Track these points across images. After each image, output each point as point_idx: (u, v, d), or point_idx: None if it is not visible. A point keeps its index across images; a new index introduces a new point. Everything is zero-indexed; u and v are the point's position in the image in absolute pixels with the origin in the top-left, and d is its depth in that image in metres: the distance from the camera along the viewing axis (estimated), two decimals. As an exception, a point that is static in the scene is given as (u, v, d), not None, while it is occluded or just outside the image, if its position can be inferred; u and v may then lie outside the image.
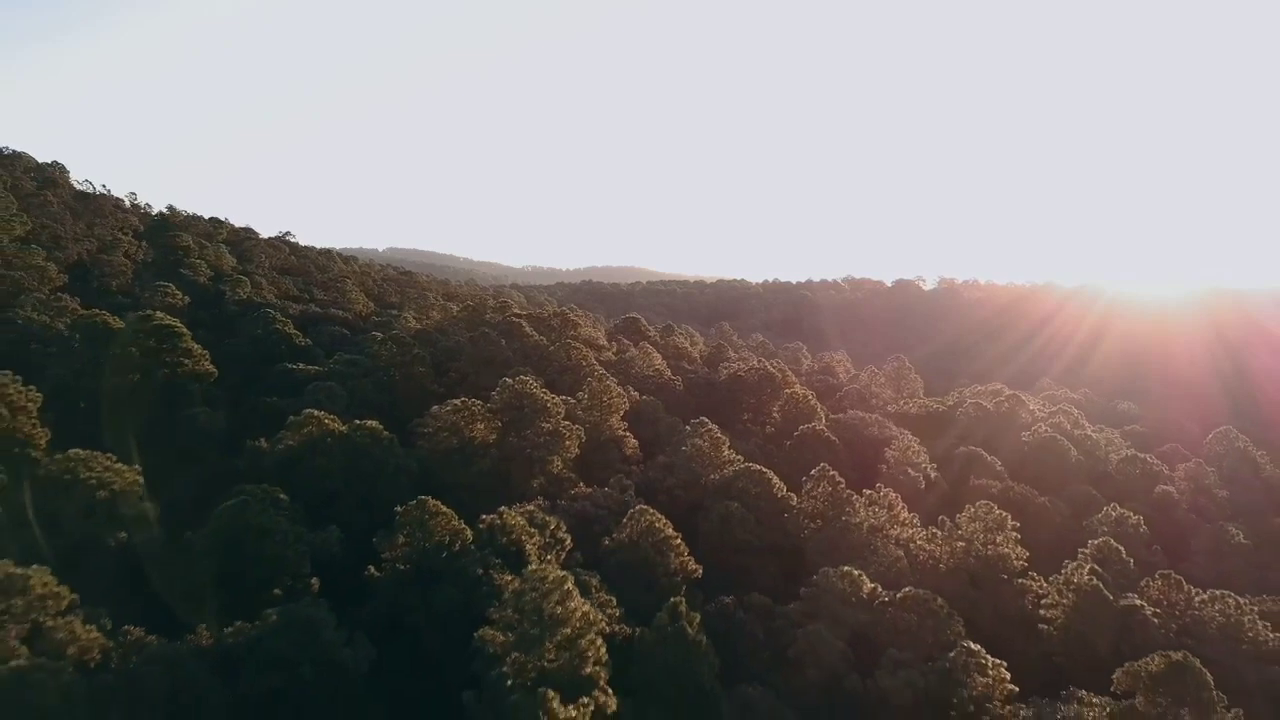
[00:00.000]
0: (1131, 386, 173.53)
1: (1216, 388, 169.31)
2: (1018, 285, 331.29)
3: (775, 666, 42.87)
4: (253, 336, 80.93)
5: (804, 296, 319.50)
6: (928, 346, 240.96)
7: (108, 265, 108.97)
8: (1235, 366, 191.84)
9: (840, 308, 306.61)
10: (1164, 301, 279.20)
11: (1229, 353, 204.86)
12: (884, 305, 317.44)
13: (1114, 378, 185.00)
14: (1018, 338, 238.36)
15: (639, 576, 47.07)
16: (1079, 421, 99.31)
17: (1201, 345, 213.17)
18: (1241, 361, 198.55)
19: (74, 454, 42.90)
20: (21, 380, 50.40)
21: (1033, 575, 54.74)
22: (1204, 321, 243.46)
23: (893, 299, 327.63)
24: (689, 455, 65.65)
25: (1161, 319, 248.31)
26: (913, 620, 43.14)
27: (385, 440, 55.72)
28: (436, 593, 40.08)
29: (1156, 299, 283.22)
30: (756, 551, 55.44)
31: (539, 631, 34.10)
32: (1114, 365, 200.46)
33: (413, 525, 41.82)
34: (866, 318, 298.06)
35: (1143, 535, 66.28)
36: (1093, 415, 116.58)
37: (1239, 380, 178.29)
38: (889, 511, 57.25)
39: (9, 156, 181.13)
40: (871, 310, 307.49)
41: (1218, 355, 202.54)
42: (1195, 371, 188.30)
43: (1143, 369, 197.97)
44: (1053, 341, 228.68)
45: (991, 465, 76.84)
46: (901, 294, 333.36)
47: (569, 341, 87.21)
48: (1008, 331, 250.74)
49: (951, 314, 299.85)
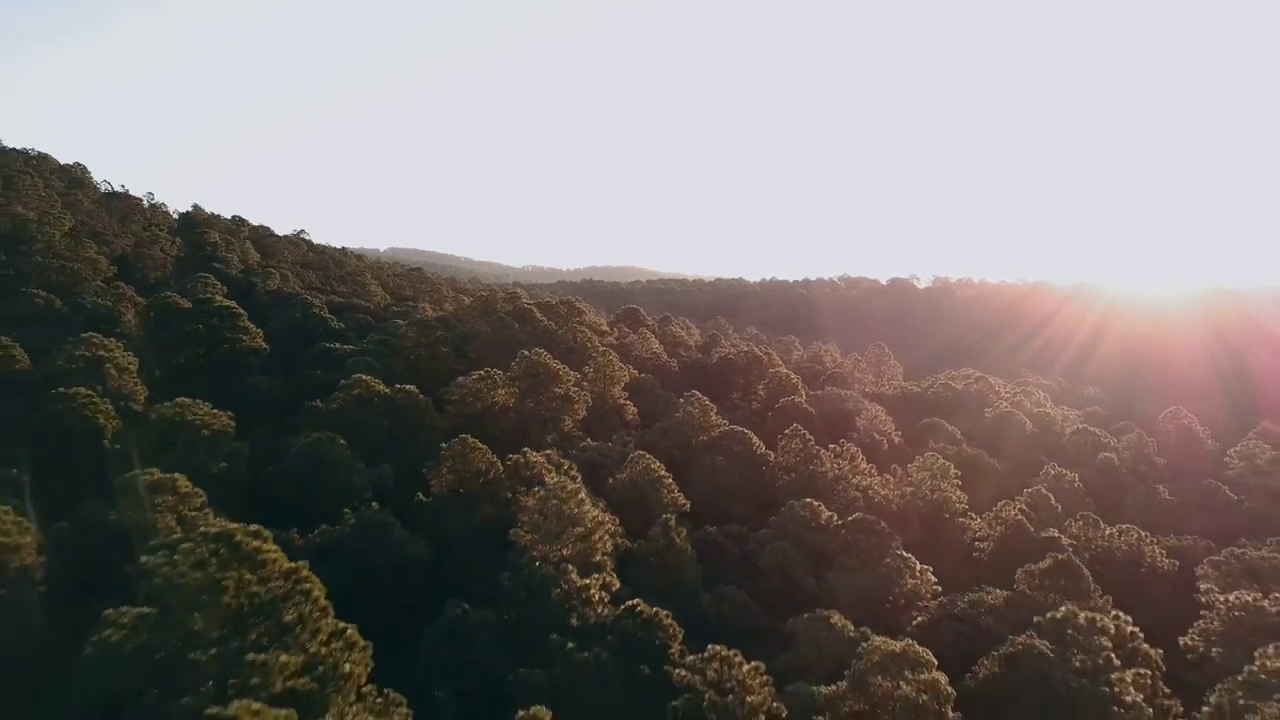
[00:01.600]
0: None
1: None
2: (1011, 284, 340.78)
3: (747, 575, 53.58)
4: (291, 320, 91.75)
5: (801, 295, 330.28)
6: (927, 346, 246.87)
7: (148, 259, 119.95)
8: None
9: (838, 306, 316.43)
10: (1164, 301, 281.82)
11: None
12: (881, 304, 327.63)
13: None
14: (1017, 338, 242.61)
15: (637, 508, 57.84)
16: (1040, 401, 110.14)
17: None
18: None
19: (180, 401, 53.77)
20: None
21: (971, 515, 65.57)
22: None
23: (890, 298, 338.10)
24: (681, 421, 76.50)
25: (1161, 318, 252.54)
26: (859, 538, 53.90)
27: (421, 401, 66.64)
28: (475, 510, 50.93)
29: (1156, 299, 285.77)
30: (736, 496, 66.21)
31: (559, 529, 44.94)
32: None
33: (455, 458, 52.68)
34: (864, 316, 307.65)
35: (1078, 490, 76.94)
36: (1059, 398, 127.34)
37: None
38: (851, 463, 68.13)
39: (35, 158, 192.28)
40: (869, 309, 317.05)
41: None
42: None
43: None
44: (1053, 342, 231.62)
45: (952, 434, 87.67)
46: (898, 293, 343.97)
47: (575, 326, 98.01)
48: (1007, 332, 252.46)
49: (949, 314, 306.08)
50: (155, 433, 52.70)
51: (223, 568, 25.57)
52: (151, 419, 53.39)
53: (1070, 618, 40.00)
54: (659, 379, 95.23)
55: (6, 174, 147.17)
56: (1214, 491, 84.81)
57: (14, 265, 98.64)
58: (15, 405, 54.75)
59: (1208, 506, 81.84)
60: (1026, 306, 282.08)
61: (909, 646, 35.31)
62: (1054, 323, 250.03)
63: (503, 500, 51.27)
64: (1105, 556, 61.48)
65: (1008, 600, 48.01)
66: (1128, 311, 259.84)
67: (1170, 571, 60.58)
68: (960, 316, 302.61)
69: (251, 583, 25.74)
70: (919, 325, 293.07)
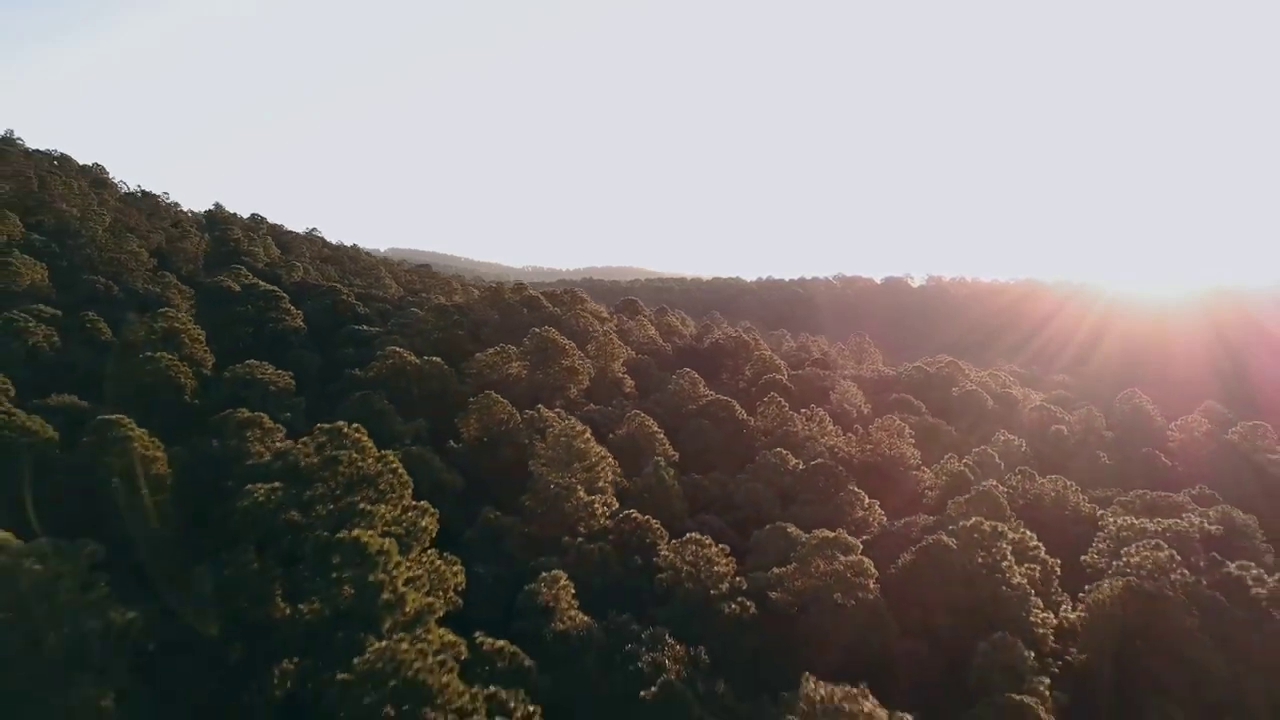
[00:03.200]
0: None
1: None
2: (1003, 283, 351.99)
3: (725, 509, 64.66)
4: (323, 305, 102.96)
5: (797, 293, 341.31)
6: (926, 346, 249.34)
7: (181, 252, 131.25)
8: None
9: (834, 305, 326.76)
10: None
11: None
12: (878, 303, 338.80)
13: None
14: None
15: (633, 456, 68.92)
16: (1005, 382, 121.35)
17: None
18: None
19: (250, 363, 64.99)
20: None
21: (923, 469, 76.74)
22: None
23: (886, 296, 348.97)
24: (673, 392, 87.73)
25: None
26: (819, 479, 65.06)
27: (447, 371, 77.82)
28: (498, 452, 62.11)
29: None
30: (720, 453, 77.29)
31: (568, 460, 56.06)
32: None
33: (481, 410, 63.92)
34: (860, 315, 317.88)
35: (1024, 453, 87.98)
36: (1029, 383, 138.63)
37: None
38: (819, 425, 79.35)
39: (58, 158, 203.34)
40: (866, 308, 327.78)
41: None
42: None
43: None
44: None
45: (917, 407, 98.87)
46: (893, 291, 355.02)
47: (578, 311, 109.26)
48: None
49: (948, 315, 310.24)
50: (229, 389, 63.86)
51: (336, 448, 36.74)
52: (226, 377, 64.53)
53: (978, 526, 51.17)
54: (654, 360, 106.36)
55: (39, 174, 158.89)
56: (1151, 458, 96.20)
57: (66, 257, 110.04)
58: (106, 365, 65.92)
59: (1144, 471, 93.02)
60: (1026, 307, 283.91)
61: (840, 535, 46.55)
62: (1053, 323, 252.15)
63: (521, 445, 62.40)
64: (1035, 502, 72.63)
65: (936, 521, 59.15)
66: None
67: (1091, 513, 71.71)
68: (959, 317, 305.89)
69: (356, 460, 36.93)
70: (916, 325, 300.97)
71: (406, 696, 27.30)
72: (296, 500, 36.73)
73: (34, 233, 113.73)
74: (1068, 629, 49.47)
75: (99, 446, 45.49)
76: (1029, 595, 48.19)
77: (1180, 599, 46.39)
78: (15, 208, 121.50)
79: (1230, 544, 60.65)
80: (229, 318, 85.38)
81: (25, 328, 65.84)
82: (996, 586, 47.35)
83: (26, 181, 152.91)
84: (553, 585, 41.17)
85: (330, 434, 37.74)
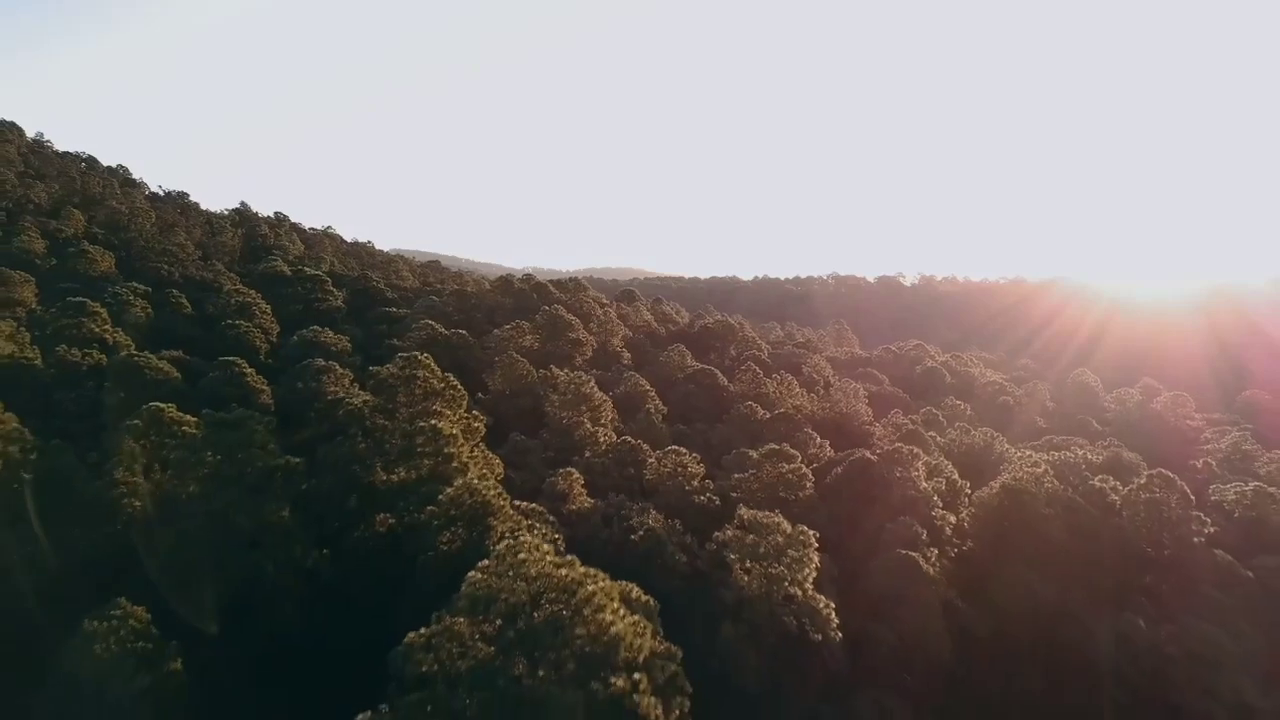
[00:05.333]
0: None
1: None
2: (993, 281, 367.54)
3: (705, 450, 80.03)
4: (356, 289, 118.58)
5: (791, 291, 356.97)
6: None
7: (220, 245, 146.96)
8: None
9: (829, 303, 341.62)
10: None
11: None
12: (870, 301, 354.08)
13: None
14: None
15: (629, 409, 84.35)
16: (967, 362, 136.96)
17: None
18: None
19: (314, 328, 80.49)
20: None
21: (875, 424, 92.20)
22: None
23: (881, 296, 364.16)
24: (664, 364, 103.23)
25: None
26: (780, 425, 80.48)
27: (471, 341, 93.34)
28: (519, 401, 77.57)
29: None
30: (703, 411, 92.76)
31: (577, 402, 71.51)
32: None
33: (504, 367, 79.46)
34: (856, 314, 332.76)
35: (968, 416, 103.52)
36: (995, 367, 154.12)
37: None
38: (787, 388, 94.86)
39: (86, 160, 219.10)
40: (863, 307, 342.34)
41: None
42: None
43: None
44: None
45: (880, 379, 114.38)
46: (887, 290, 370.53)
47: (581, 298, 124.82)
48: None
49: (947, 315, 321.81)
50: (298, 349, 79.33)
51: (413, 369, 52.27)
52: (294, 340, 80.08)
53: (897, 449, 66.68)
54: (649, 339, 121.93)
55: (71, 175, 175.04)
56: (1084, 422, 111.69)
57: (124, 248, 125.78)
58: (195, 331, 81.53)
59: (1076, 430, 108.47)
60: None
61: (785, 448, 62.06)
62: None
63: (537, 396, 77.82)
64: (967, 449, 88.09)
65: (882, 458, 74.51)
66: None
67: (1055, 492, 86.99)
68: (959, 317, 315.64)
69: (429, 377, 52.44)
70: (915, 325, 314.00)
71: (477, 512, 42.72)
72: (384, 407, 52.22)
73: (94, 226, 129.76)
74: (965, 528, 64.90)
75: (222, 381, 61.00)
76: (933, 498, 63.60)
77: (1042, 496, 61.87)
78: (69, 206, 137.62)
79: (1116, 472, 76.11)
80: (282, 297, 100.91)
81: (130, 301, 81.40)
82: (906, 490, 62.77)
83: (70, 182, 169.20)
84: (567, 478, 56.61)
85: (408, 360, 53.27)
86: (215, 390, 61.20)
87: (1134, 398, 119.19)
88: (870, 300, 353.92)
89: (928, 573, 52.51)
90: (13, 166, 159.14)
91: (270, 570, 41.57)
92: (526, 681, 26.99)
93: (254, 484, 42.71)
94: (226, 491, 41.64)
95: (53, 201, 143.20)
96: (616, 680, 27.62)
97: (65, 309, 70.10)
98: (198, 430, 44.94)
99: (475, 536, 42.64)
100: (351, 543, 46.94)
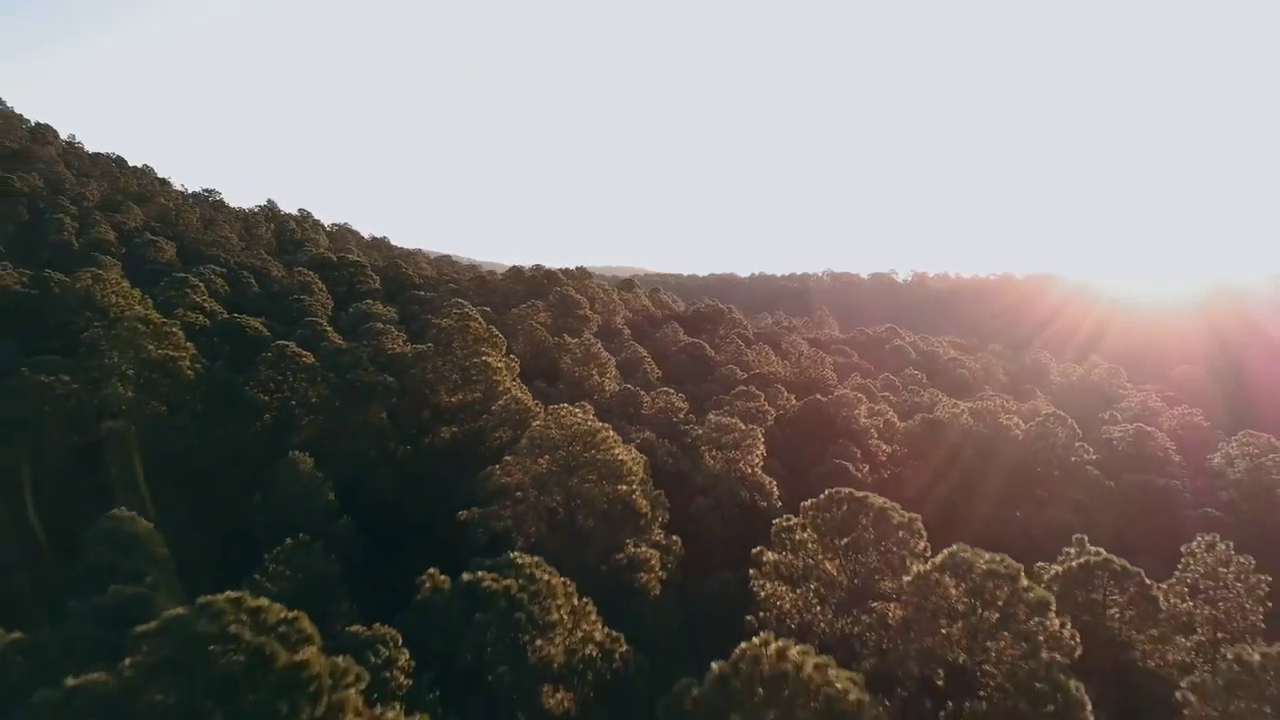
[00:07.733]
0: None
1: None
2: (984, 277, 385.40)
3: (692, 402, 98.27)
4: (388, 275, 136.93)
5: (787, 287, 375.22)
6: None
7: (257, 238, 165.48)
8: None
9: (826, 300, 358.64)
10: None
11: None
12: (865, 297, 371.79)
13: None
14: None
15: (628, 374, 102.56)
16: (934, 344, 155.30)
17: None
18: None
19: (366, 302, 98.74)
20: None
21: (839, 387, 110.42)
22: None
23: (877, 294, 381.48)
24: (659, 338, 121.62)
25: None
26: (755, 383, 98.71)
27: (495, 319, 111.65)
28: (539, 361, 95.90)
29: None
30: (691, 377, 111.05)
31: (586, 359, 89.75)
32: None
33: (527, 334, 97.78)
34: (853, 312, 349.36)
35: (922, 382, 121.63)
36: (965, 350, 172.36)
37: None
38: (764, 356, 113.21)
39: (115, 160, 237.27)
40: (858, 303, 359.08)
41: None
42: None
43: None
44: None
45: (849, 354, 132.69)
46: (882, 288, 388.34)
47: (586, 284, 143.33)
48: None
49: (946, 315, 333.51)
50: (353, 320, 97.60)
51: (466, 322, 70.57)
52: (349, 312, 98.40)
53: (843, 394, 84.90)
54: (647, 321, 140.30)
55: (114, 175, 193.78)
56: (1030, 391, 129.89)
57: (178, 240, 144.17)
58: (266, 305, 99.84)
59: (1024, 398, 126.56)
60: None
61: (751, 389, 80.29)
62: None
63: (553, 358, 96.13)
64: (914, 405, 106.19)
65: (830, 401, 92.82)
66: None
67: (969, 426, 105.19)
68: (959, 316, 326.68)
69: (477, 328, 70.73)
70: (915, 325, 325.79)
71: (520, 416, 60.89)
72: (443, 351, 70.46)
73: (151, 220, 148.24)
74: (898, 458, 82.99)
75: (310, 337, 79.27)
76: (870, 431, 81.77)
77: (956, 428, 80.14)
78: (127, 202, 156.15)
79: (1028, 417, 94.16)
80: (329, 279, 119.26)
81: (213, 279, 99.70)
82: (849, 425, 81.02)
83: (115, 180, 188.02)
84: (582, 408, 74.69)
85: (461, 314, 71.58)
86: (304, 343, 79.32)
87: (1076, 371, 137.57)
88: (865, 297, 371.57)
89: (855, 475, 70.68)
90: (55, 167, 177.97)
91: (372, 455, 59.94)
92: (570, 483, 45.33)
93: (362, 394, 61.01)
94: (338, 395, 59.99)
95: (103, 199, 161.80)
96: (622, 486, 45.92)
97: (172, 283, 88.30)
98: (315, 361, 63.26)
99: (518, 435, 60.88)
100: (424, 445, 65.28)
